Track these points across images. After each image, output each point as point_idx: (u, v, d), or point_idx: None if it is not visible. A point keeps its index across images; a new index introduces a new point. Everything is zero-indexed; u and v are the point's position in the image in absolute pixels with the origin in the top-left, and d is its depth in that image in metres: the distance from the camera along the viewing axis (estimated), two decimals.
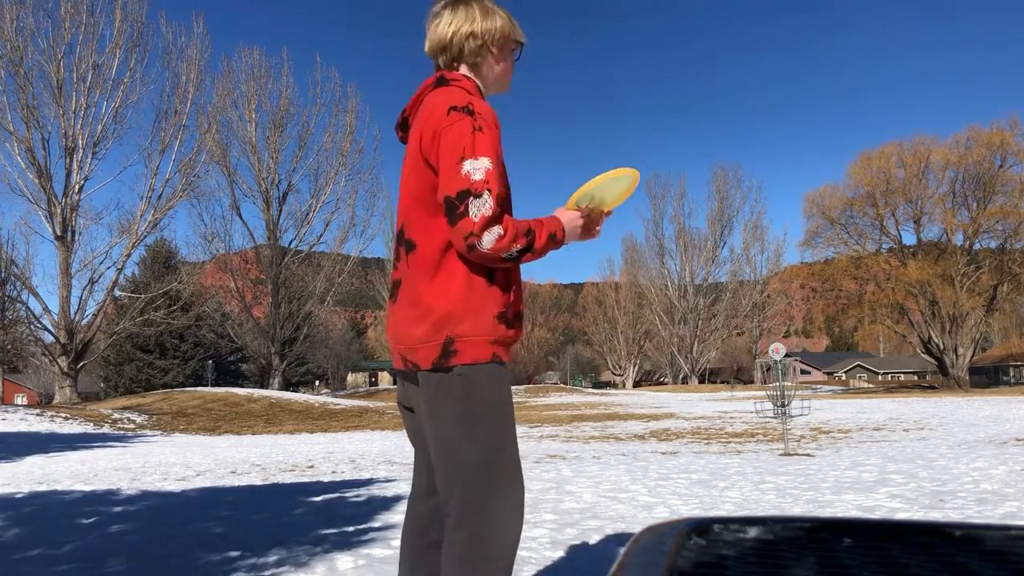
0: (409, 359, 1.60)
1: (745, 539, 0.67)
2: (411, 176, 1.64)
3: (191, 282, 34.59)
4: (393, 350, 1.69)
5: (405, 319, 1.61)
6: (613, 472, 6.95)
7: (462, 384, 1.54)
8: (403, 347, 1.62)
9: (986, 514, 4.36)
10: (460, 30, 1.69)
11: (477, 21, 1.71)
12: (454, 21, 1.70)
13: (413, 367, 1.59)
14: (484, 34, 1.71)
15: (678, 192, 70.61)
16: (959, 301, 39.05)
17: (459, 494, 1.54)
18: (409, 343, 1.59)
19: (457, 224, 1.50)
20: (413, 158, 1.63)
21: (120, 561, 3.34)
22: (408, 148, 1.68)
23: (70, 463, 9.84)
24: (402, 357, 1.64)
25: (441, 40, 1.70)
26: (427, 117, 1.59)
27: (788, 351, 15.39)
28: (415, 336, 1.58)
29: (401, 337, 1.62)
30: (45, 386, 54.79)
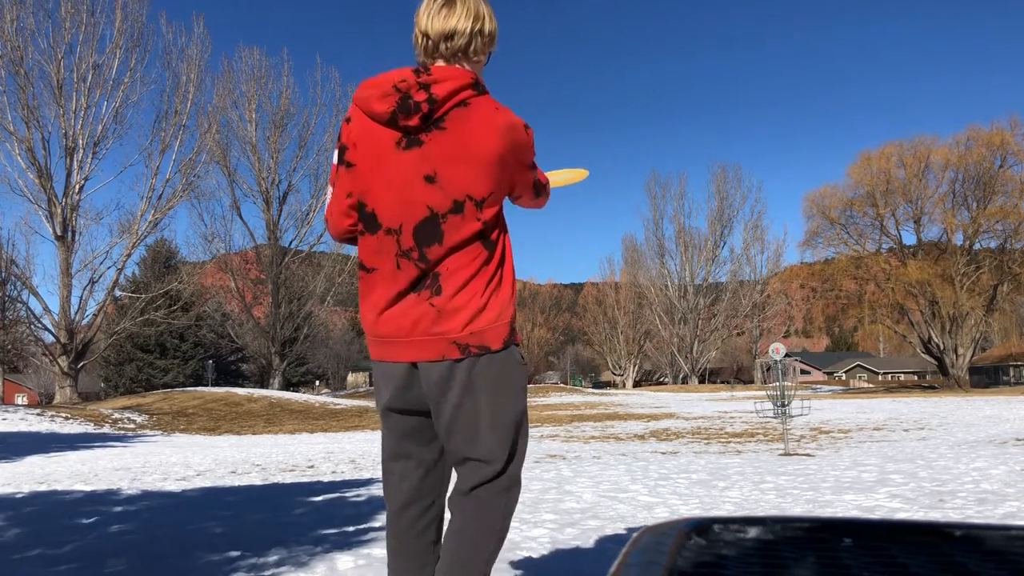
0: (472, 344, 1.67)
1: (745, 539, 0.67)
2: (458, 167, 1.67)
3: (191, 282, 34.60)
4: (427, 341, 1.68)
5: (462, 307, 1.67)
6: (613, 472, 6.96)
7: (519, 359, 1.76)
8: (463, 333, 1.66)
9: (986, 514, 4.36)
10: (473, 26, 1.73)
11: (487, 20, 1.77)
12: (467, 14, 1.73)
13: (478, 351, 1.67)
14: (491, 35, 1.78)
15: (678, 192, 70.55)
16: (959, 301, 39.06)
17: (506, 448, 1.72)
18: (476, 327, 1.67)
19: (538, 199, 1.94)
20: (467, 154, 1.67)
21: (120, 561, 3.34)
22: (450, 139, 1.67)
23: (70, 463, 9.84)
24: (454, 344, 1.66)
25: (452, 30, 1.72)
26: (505, 131, 1.69)
27: (788, 351, 15.38)
28: (487, 319, 1.68)
29: (458, 324, 1.66)
30: (45, 386, 54.78)
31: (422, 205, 1.66)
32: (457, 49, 1.73)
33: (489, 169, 1.67)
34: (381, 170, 1.69)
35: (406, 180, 1.67)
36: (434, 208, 1.66)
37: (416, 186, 1.66)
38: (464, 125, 1.66)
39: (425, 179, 1.66)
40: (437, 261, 1.67)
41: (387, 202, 1.69)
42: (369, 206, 1.72)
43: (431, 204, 1.66)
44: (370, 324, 1.76)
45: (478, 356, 1.67)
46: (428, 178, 1.66)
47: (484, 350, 1.67)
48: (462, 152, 1.66)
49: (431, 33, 1.73)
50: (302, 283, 36.63)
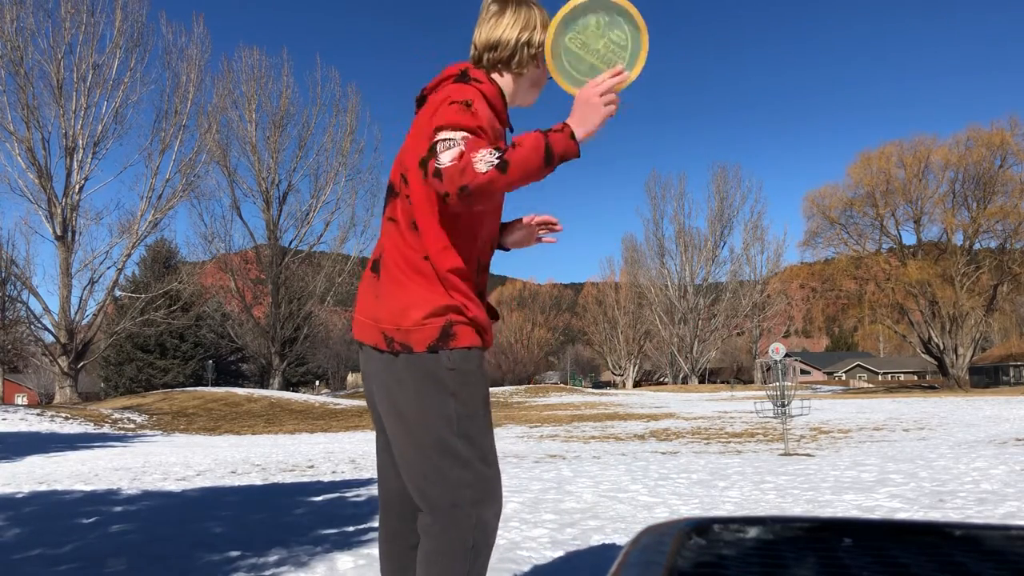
0: (396, 339, 1.61)
1: (745, 539, 0.67)
2: (405, 149, 1.65)
3: (191, 282, 34.59)
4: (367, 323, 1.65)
5: (392, 295, 1.62)
6: (613, 472, 6.96)
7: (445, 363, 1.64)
8: (389, 325, 1.61)
9: (986, 514, 4.36)
10: (519, 36, 1.66)
11: (538, 31, 1.67)
12: (514, 24, 1.66)
13: (401, 348, 1.62)
14: (539, 46, 1.67)
15: (678, 192, 70.53)
16: (959, 301, 39.05)
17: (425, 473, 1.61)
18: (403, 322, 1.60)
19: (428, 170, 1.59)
20: (415, 129, 1.64)
21: (120, 561, 3.34)
22: (412, 128, 1.66)
23: (70, 463, 9.84)
24: (382, 334, 1.62)
25: (496, 40, 1.66)
26: (438, 102, 1.57)
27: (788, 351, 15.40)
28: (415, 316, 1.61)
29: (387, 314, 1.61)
30: (45, 386, 54.79)
31: (391, 185, 1.69)
32: (498, 60, 1.67)
33: (413, 139, 1.61)
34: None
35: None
36: (392, 182, 1.68)
37: (393, 169, 1.70)
38: (424, 109, 1.64)
39: (397, 162, 1.68)
40: (385, 238, 1.64)
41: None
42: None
43: (392, 180, 1.69)
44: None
45: (399, 354, 1.57)
46: (399, 161, 1.67)
47: (406, 349, 1.56)
48: (411, 129, 1.65)
49: (477, 43, 1.68)
50: (302, 283, 36.63)
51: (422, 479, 1.57)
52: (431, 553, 1.55)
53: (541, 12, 1.69)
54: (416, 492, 1.59)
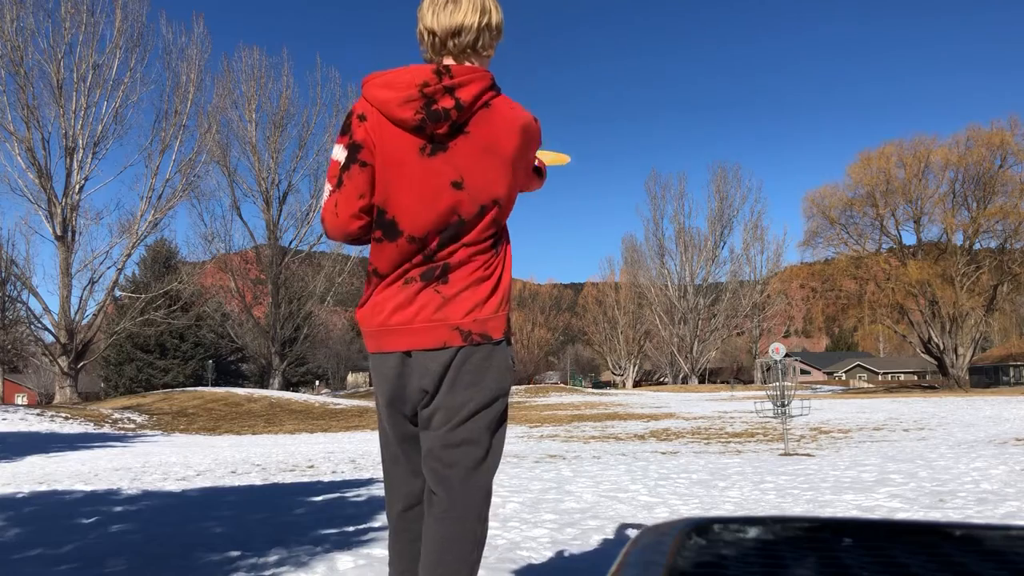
0: (475, 331, 1.66)
1: (745, 539, 0.67)
2: (485, 172, 1.67)
3: (191, 282, 34.60)
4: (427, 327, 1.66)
5: (467, 295, 1.67)
6: (613, 472, 6.95)
7: (511, 358, 1.77)
8: (466, 319, 1.65)
9: (986, 514, 4.36)
10: (480, 20, 1.70)
11: (493, 12, 1.73)
12: (473, 8, 1.69)
13: (480, 339, 1.66)
14: (498, 28, 1.75)
15: (678, 192, 70.55)
16: (959, 301, 39.04)
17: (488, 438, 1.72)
18: (480, 315, 1.67)
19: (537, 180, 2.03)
20: (492, 157, 1.67)
21: (120, 561, 3.34)
22: (474, 143, 1.65)
23: (70, 463, 9.84)
24: (456, 330, 1.65)
25: (459, 26, 1.68)
26: (522, 129, 1.69)
27: (788, 351, 15.40)
28: (490, 308, 1.68)
29: (461, 311, 1.66)
30: (45, 386, 54.77)
31: (451, 212, 1.64)
32: (465, 45, 1.70)
33: (510, 169, 1.68)
34: (405, 178, 1.64)
35: (435, 189, 1.63)
36: (462, 215, 1.64)
37: (445, 194, 1.63)
38: (487, 128, 1.65)
39: (453, 185, 1.63)
40: (450, 255, 1.67)
41: (413, 211, 1.64)
42: (389, 213, 1.66)
43: (459, 211, 1.64)
44: (376, 321, 1.70)
45: (478, 345, 1.66)
46: (455, 184, 1.63)
47: (486, 339, 1.67)
48: (487, 155, 1.65)
49: (438, 30, 1.69)
50: (302, 283, 36.64)
51: (487, 439, 1.70)
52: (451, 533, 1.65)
53: None
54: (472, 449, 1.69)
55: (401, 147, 1.64)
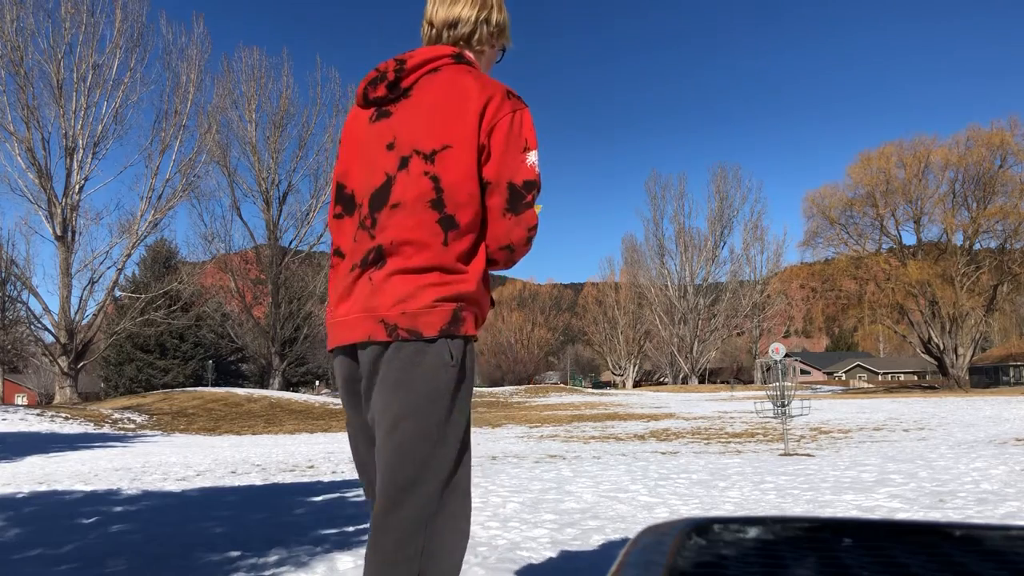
0: (401, 326, 1.48)
1: (745, 539, 0.67)
2: (415, 128, 1.57)
3: (191, 282, 34.58)
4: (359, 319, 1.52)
5: (399, 282, 1.50)
6: (613, 472, 6.95)
7: (448, 358, 1.52)
8: (392, 311, 1.49)
9: (986, 514, 4.36)
10: (478, 15, 1.69)
11: (495, 10, 1.72)
12: (472, 3, 1.69)
13: (407, 335, 1.47)
14: (499, 26, 1.73)
15: (678, 192, 70.60)
16: (959, 301, 39.05)
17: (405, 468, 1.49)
18: (409, 306, 1.48)
19: (523, 214, 1.54)
20: (426, 114, 1.57)
21: (120, 561, 3.34)
22: (413, 105, 1.59)
23: (70, 463, 9.84)
24: (381, 323, 1.49)
25: (456, 18, 1.68)
26: (475, 91, 1.54)
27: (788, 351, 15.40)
28: (425, 298, 1.48)
29: (389, 300, 1.49)
30: (45, 386, 54.78)
31: (381, 172, 1.56)
32: (459, 38, 1.69)
33: (440, 119, 1.54)
34: (356, 148, 1.65)
35: (372, 152, 1.60)
36: (388, 172, 1.55)
37: (379, 156, 1.58)
38: (427, 86, 1.59)
39: (387, 147, 1.58)
40: (383, 229, 1.52)
41: (358, 178, 1.61)
42: (348, 187, 1.65)
43: (387, 169, 1.56)
44: (330, 310, 1.61)
45: (405, 342, 1.47)
46: (389, 145, 1.57)
47: (414, 335, 1.46)
48: (420, 110, 1.57)
49: (435, 21, 1.69)
50: (302, 283, 36.64)
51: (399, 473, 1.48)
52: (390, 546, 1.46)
53: None
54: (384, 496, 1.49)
55: (358, 123, 1.66)
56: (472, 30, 1.69)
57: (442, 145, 1.52)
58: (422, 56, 1.62)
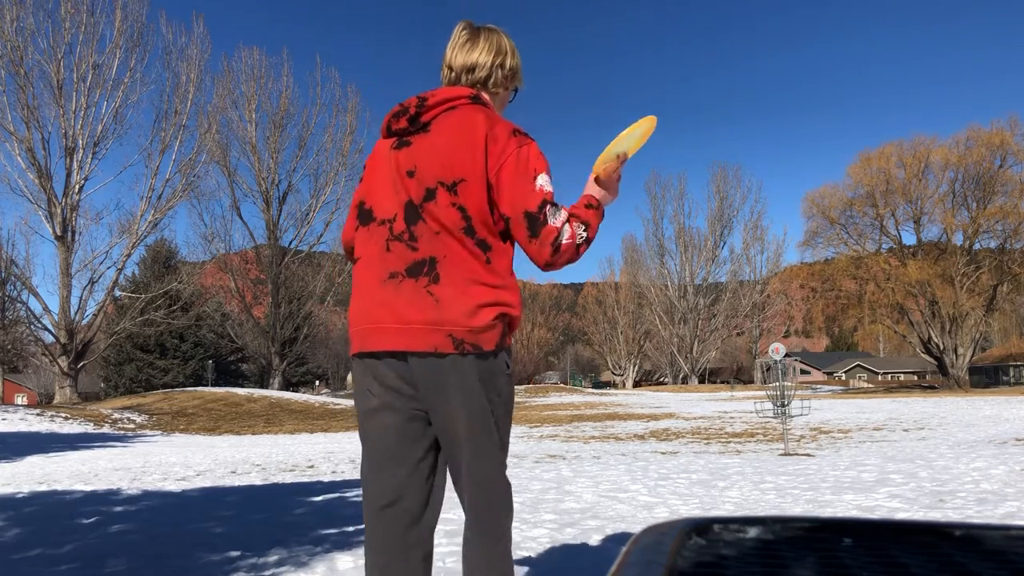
0: (467, 341, 1.66)
1: (745, 539, 0.67)
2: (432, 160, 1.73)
3: (191, 282, 34.59)
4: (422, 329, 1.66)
5: (461, 300, 1.67)
6: (613, 472, 6.95)
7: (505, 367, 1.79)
8: (459, 327, 1.65)
9: (986, 514, 4.36)
10: (494, 60, 1.86)
11: (509, 56, 1.88)
12: (488, 49, 1.86)
13: (472, 349, 1.66)
14: (512, 70, 1.90)
15: (678, 192, 70.57)
16: (959, 301, 39.05)
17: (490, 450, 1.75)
18: (474, 323, 1.66)
19: (542, 234, 1.69)
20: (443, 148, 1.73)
21: (120, 561, 3.34)
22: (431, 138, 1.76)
23: (70, 463, 9.84)
24: (450, 337, 1.65)
25: (474, 63, 1.85)
26: (481, 132, 1.71)
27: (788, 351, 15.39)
28: (485, 317, 1.67)
29: (456, 316, 1.66)
30: (45, 386, 54.79)
31: (404, 195, 1.74)
32: (476, 81, 1.86)
33: (456, 155, 1.71)
34: (378, 173, 1.82)
35: (392, 176, 1.77)
36: (412, 198, 1.73)
37: (400, 180, 1.76)
38: (444, 123, 1.76)
39: (407, 174, 1.75)
40: (428, 246, 1.69)
41: (381, 198, 1.78)
42: (367, 204, 1.81)
43: (411, 195, 1.74)
44: (360, 311, 1.73)
45: (469, 355, 1.66)
46: (409, 173, 1.75)
47: (476, 349, 1.66)
48: (436, 145, 1.74)
49: (454, 65, 1.86)
50: (302, 283, 36.64)
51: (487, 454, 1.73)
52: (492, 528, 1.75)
53: (508, 38, 1.91)
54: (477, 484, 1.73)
55: (381, 151, 1.84)
56: (488, 74, 1.86)
57: (459, 178, 1.70)
58: (442, 95, 1.80)
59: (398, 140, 1.80)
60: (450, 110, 1.78)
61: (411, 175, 1.74)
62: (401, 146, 1.79)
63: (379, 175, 1.81)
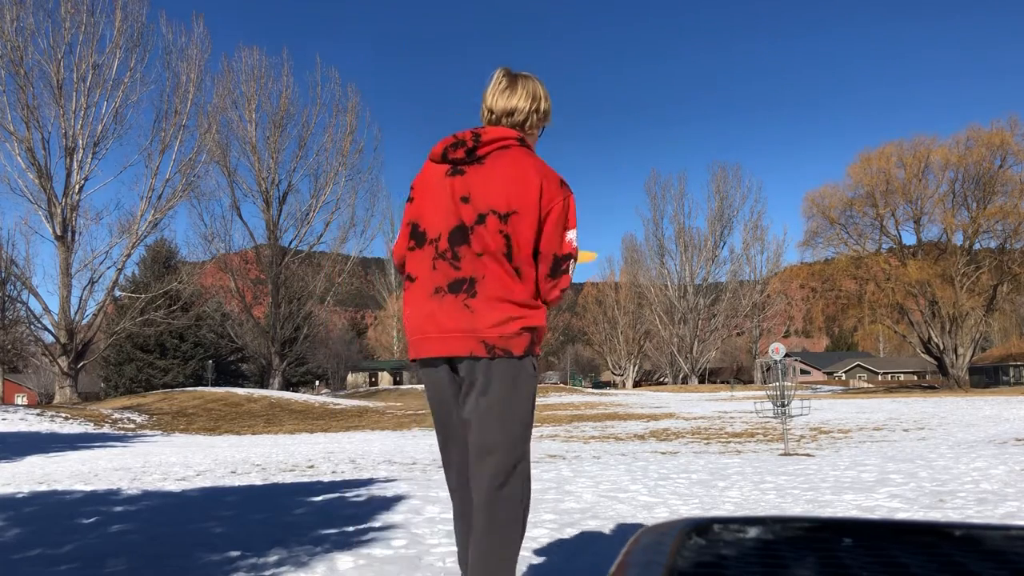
0: (498, 346, 1.94)
1: (745, 539, 0.67)
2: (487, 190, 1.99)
3: (191, 282, 34.60)
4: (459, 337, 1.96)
5: (492, 312, 1.95)
6: (613, 472, 6.95)
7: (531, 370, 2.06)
8: (490, 335, 1.94)
9: (986, 514, 4.36)
10: (531, 106, 2.12)
11: (543, 101, 2.15)
12: (526, 96, 2.11)
13: (502, 353, 1.95)
14: (545, 113, 2.17)
15: (678, 192, 70.48)
16: (959, 301, 39.05)
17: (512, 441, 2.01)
18: (505, 331, 1.95)
19: (559, 278, 2.03)
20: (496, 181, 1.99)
21: (120, 561, 3.34)
22: (485, 170, 2.01)
23: (70, 463, 9.84)
24: (482, 343, 1.94)
25: (513, 108, 2.11)
26: (536, 175, 1.98)
27: (788, 351, 15.40)
28: (513, 327, 1.96)
29: (487, 325, 1.94)
30: (45, 386, 54.78)
31: (456, 218, 2.00)
32: (515, 123, 2.11)
33: (512, 190, 1.97)
34: (431, 196, 2.06)
35: (447, 201, 2.02)
36: (464, 220, 1.99)
37: (454, 204, 2.01)
38: (499, 160, 2.02)
39: (461, 199, 2.00)
40: (470, 266, 1.97)
41: (432, 220, 2.04)
42: (421, 226, 2.07)
43: (463, 217, 1.99)
44: (412, 323, 2.04)
45: (501, 358, 1.95)
46: (464, 199, 2.00)
47: (507, 354, 1.95)
48: (492, 177, 2.00)
49: (495, 109, 2.11)
50: (302, 283, 36.63)
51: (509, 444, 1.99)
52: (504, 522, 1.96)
53: (542, 85, 2.17)
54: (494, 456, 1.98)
55: (434, 175, 2.08)
56: (525, 118, 2.12)
57: (512, 210, 1.96)
58: (495, 134, 2.05)
59: (453, 168, 2.04)
60: (502, 148, 2.03)
61: (465, 200, 1.99)
62: (456, 173, 2.03)
63: (431, 197, 2.06)
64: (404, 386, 47.23)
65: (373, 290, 72.14)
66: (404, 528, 3.95)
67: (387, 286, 70.12)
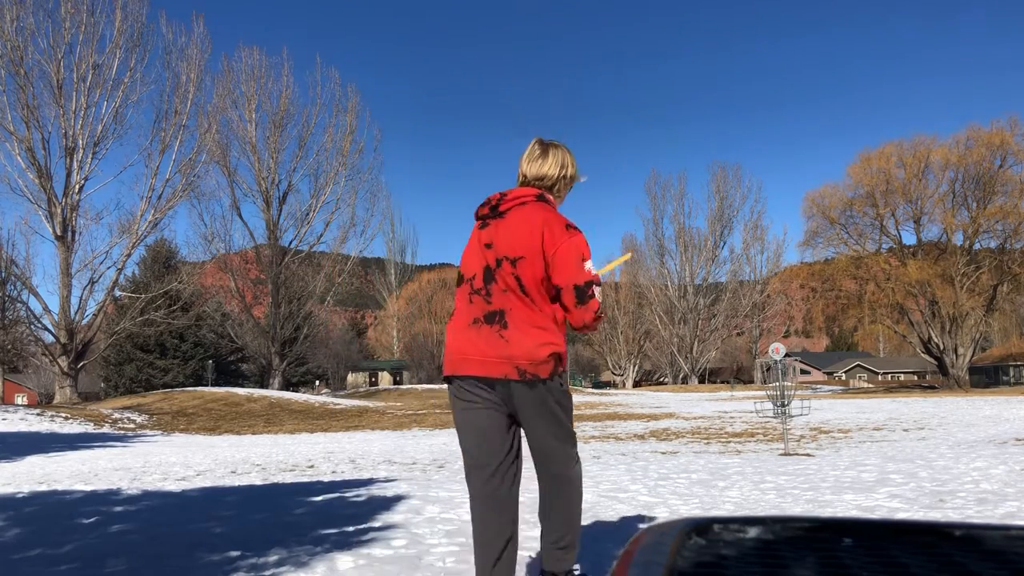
0: (528, 371, 2.31)
1: (745, 539, 0.67)
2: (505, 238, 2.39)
3: (191, 282, 34.60)
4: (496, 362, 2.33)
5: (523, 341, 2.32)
6: (613, 472, 6.95)
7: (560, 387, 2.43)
8: (523, 362, 2.31)
9: (986, 514, 4.36)
10: (559, 173, 2.51)
11: (570, 167, 2.54)
12: (555, 164, 2.50)
13: (532, 377, 2.31)
14: (572, 178, 2.57)
15: (678, 192, 70.43)
16: (959, 301, 39.04)
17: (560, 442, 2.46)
18: (535, 357, 2.31)
19: (588, 303, 2.33)
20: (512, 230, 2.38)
21: (120, 561, 3.34)
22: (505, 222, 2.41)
23: (70, 463, 9.84)
24: (516, 368, 2.31)
25: (545, 175, 2.50)
26: (540, 224, 2.34)
27: (788, 351, 15.41)
28: (541, 354, 2.31)
29: (520, 353, 2.31)
30: (45, 386, 54.78)
31: (484, 261, 2.42)
32: (544, 187, 2.50)
33: (518, 240, 2.35)
34: (469, 245, 2.52)
35: (478, 248, 2.46)
36: (489, 263, 2.41)
37: (482, 251, 2.44)
38: (515, 214, 2.41)
39: (485, 246, 2.43)
40: (499, 300, 2.35)
41: (469, 263, 2.48)
42: (462, 269, 2.51)
43: (488, 260, 2.41)
44: (454, 346, 2.41)
45: (532, 382, 2.32)
46: (487, 245, 2.42)
47: (535, 378, 2.32)
48: (507, 228, 2.39)
49: (528, 175, 2.51)
50: (302, 283, 36.62)
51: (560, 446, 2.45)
52: (572, 495, 2.51)
53: (570, 153, 2.56)
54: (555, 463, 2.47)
55: (473, 229, 2.52)
56: (554, 183, 2.51)
57: (520, 256, 2.35)
58: (516, 193, 2.47)
59: (483, 222, 2.47)
60: (521, 205, 2.43)
61: (488, 247, 2.42)
62: (484, 226, 2.46)
63: (469, 246, 2.51)
64: (404, 386, 47.21)
65: (373, 290, 72.06)
66: (404, 528, 3.95)
67: (387, 286, 70.03)
